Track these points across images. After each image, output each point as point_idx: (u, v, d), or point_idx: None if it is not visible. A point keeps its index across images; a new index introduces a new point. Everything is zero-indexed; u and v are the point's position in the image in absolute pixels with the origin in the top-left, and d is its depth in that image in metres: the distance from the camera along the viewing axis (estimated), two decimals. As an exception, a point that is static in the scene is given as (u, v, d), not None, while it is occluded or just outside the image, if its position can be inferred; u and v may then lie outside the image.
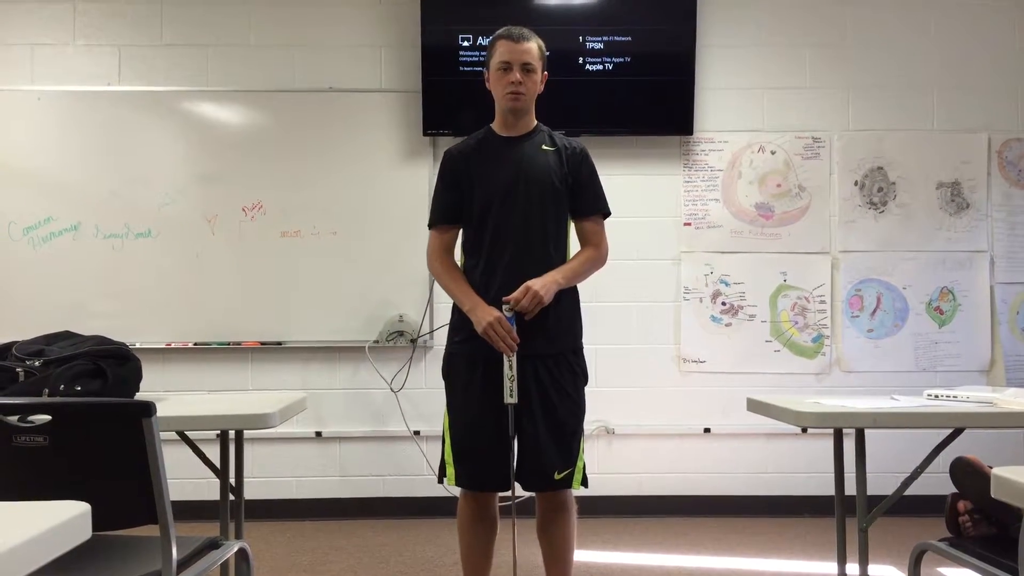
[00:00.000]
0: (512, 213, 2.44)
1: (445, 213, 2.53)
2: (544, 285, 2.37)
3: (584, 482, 2.50)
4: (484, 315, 2.37)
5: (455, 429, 2.49)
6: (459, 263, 2.57)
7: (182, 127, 4.05)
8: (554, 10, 4.03)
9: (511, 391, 2.36)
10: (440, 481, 2.53)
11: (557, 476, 2.41)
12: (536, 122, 2.55)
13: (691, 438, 4.12)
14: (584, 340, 2.59)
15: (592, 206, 2.54)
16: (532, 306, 2.35)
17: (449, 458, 2.49)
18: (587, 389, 2.54)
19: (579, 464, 2.47)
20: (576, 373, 2.49)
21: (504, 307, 2.37)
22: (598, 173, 2.56)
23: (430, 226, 2.58)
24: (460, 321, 2.48)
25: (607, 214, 2.57)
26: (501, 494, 2.52)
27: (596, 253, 2.53)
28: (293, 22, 4.10)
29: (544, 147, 2.50)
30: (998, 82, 4.17)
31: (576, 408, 2.48)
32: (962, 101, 4.17)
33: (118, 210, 4.01)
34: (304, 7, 4.10)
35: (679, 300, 4.12)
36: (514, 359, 2.36)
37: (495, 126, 2.55)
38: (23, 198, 4.00)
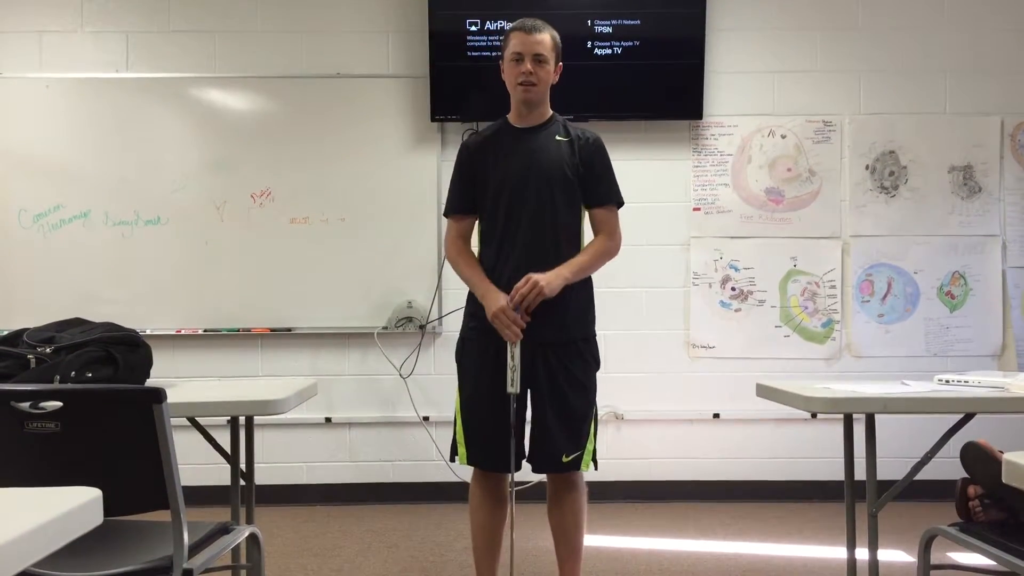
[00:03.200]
0: (524, 203, 2.47)
1: (459, 203, 2.58)
2: (547, 279, 2.38)
3: (595, 463, 2.53)
4: (494, 302, 2.40)
5: (466, 411, 2.53)
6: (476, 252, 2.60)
7: (190, 114, 4.05)
8: (562, -6, 4.00)
9: (512, 380, 2.39)
10: (452, 460, 2.56)
11: (565, 459, 2.46)
12: (551, 112, 2.57)
13: (700, 423, 4.12)
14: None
15: (604, 196, 2.54)
16: (532, 296, 2.36)
17: (461, 438, 2.53)
18: (597, 374, 2.55)
19: (589, 447, 2.51)
20: (587, 360, 2.52)
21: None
22: (611, 162, 2.57)
23: (445, 215, 2.64)
24: (475, 307, 2.51)
25: (620, 203, 2.58)
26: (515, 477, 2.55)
27: (606, 244, 2.53)
28: (300, 8, 4.09)
29: (558, 137, 2.53)
30: (1011, 65, 4.13)
31: (585, 393, 2.51)
32: (974, 84, 4.13)
33: (127, 197, 4.02)
34: (311, -8, 4.09)
35: (688, 285, 4.11)
36: (517, 349, 2.39)
37: (510, 117, 2.58)
38: (33, 186, 4.01)
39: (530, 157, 2.49)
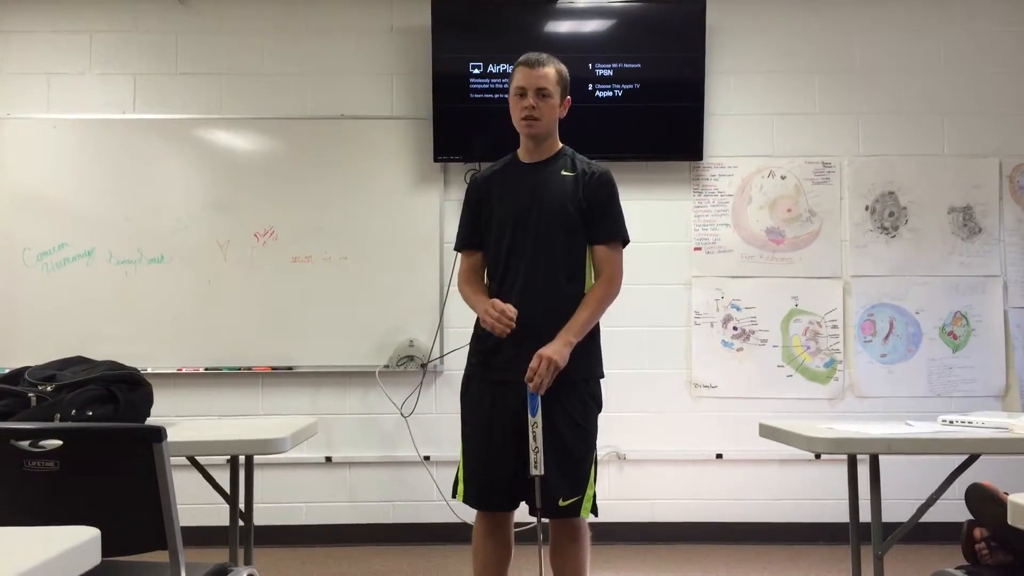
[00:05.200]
0: (525, 239, 2.45)
1: (467, 238, 2.60)
2: (557, 351, 2.35)
3: (594, 510, 2.48)
4: (484, 304, 2.40)
5: (466, 448, 2.52)
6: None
7: (196, 154, 4.09)
8: (564, 37, 4.06)
9: (535, 463, 2.34)
10: (453, 496, 2.54)
11: (563, 503, 2.40)
12: (560, 146, 2.55)
13: (703, 464, 4.08)
14: (596, 366, 2.57)
15: (606, 232, 2.48)
16: (549, 374, 2.33)
17: (462, 475, 2.51)
18: (599, 414, 2.53)
19: (589, 492, 2.45)
20: (586, 402, 2.46)
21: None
22: (619, 198, 2.52)
23: (456, 249, 2.65)
24: (477, 344, 2.51)
25: (625, 241, 2.53)
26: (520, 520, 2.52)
27: (605, 291, 2.47)
28: (306, 51, 4.15)
29: (563, 172, 2.49)
30: (1009, 106, 4.17)
31: (585, 436, 2.45)
32: (973, 126, 4.16)
33: (131, 236, 4.04)
34: (317, 36, 4.15)
35: (690, 325, 4.10)
36: (539, 431, 2.34)
37: (519, 152, 2.57)
38: (38, 224, 4.03)
39: (533, 192, 2.47)
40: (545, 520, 2.48)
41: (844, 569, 2.72)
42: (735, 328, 4.10)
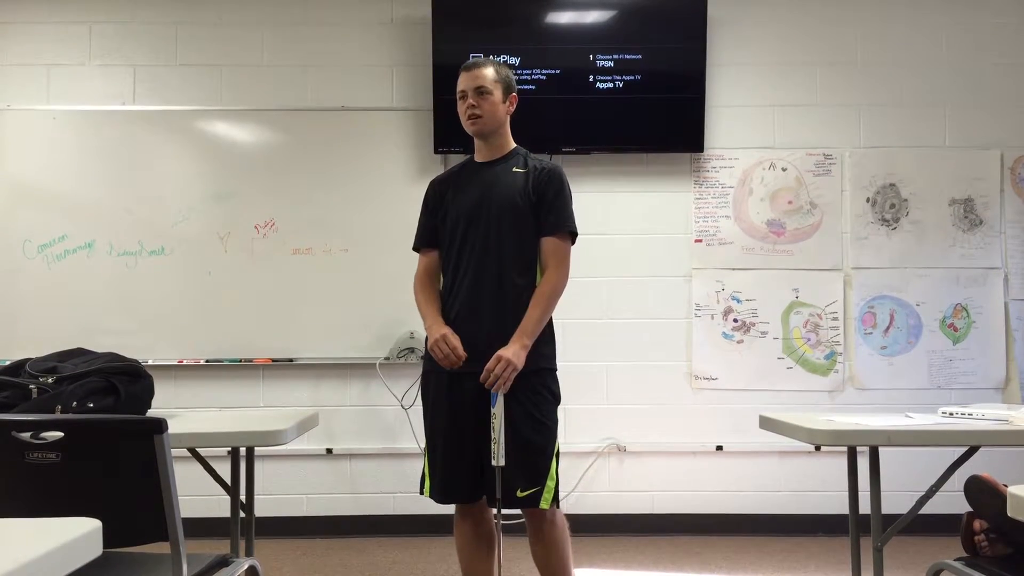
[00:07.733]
0: (476, 235, 2.50)
1: (424, 237, 2.67)
2: (515, 352, 2.38)
3: (556, 502, 2.47)
4: (434, 332, 2.45)
5: (428, 443, 2.56)
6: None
7: (196, 146, 4.08)
8: (564, 28, 4.05)
9: (495, 454, 2.38)
10: (421, 492, 2.58)
11: (520, 494, 2.41)
12: (514, 146, 2.62)
13: (703, 456, 4.09)
14: (596, 357, 2.60)
15: (553, 225, 2.50)
16: (508, 375, 2.37)
17: (427, 470, 2.55)
18: (598, 406, 2.55)
19: (549, 484, 2.44)
20: (540, 393, 2.47)
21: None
22: (570, 192, 2.55)
23: (414, 249, 2.70)
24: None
25: (573, 234, 2.54)
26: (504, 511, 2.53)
27: (552, 284, 2.48)
28: (306, 42, 4.14)
29: (515, 169, 2.56)
30: (1011, 98, 4.16)
31: (542, 427, 2.45)
32: (974, 118, 4.16)
33: (132, 228, 4.04)
34: (317, 27, 4.14)
35: (691, 317, 4.11)
36: (499, 422, 2.38)
37: (475, 154, 2.64)
38: (38, 216, 4.03)
39: (485, 190, 2.53)
40: (516, 511, 2.49)
41: (843, 561, 2.73)
42: (735, 320, 4.10)
